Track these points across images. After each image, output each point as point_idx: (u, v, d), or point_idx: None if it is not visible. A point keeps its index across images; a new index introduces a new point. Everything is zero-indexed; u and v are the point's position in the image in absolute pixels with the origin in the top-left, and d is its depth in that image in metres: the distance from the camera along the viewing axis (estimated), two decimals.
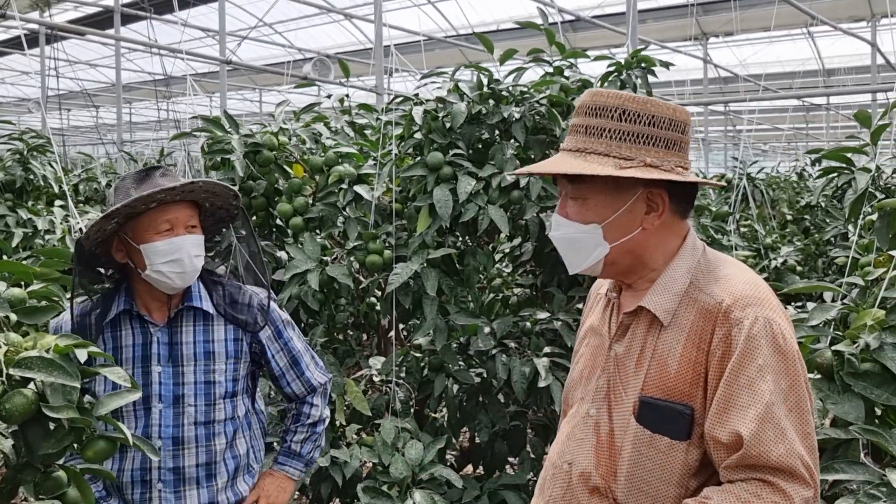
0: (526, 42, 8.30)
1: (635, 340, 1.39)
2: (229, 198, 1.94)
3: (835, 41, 13.62)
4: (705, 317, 1.31)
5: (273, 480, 2.07)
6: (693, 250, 1.42)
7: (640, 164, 1.33)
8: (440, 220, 2.86)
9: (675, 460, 1.31)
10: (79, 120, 21.77)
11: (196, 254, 1.84)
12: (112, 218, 1.79)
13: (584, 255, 1.40)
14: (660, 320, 1.35)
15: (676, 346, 1.33)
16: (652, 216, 1.38)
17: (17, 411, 1.18)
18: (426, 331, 2.90)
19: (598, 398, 1.42)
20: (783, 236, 5.65)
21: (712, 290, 1.34)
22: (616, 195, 1.37)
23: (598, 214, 1.37)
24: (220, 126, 3.24)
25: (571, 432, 1.46)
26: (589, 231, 1.38)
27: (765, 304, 1.30)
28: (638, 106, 1.36)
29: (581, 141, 1.38)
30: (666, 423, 1.31)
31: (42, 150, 4.87)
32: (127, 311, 1.90)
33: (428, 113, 3.07)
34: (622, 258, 1.40)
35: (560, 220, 1.42)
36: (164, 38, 10.99)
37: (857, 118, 2.48)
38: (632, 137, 1.35)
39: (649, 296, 1.38)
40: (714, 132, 19.10)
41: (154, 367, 1.88)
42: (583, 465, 1.40)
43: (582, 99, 1.41)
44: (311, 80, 7.09)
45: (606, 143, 1.35)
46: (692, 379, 1.31)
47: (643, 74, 3.23)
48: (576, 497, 1.40)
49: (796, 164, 8.84)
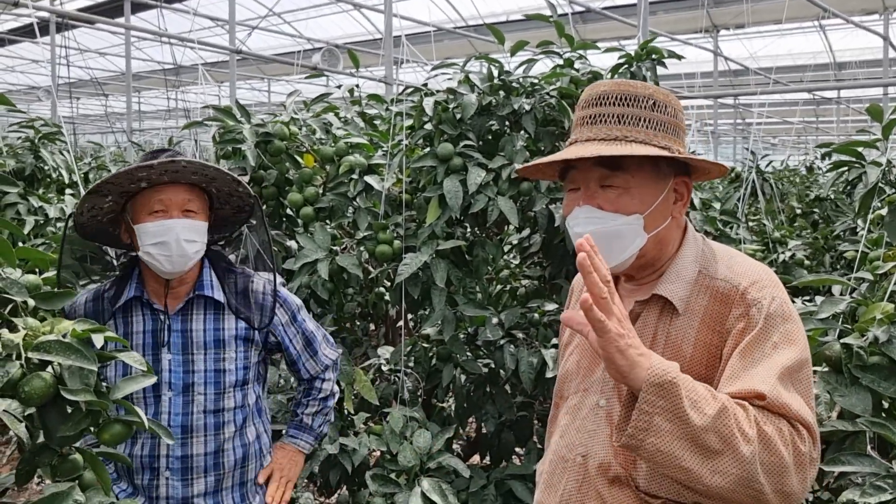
0: (536, 33, 8.28)
1: (646, 329, 1.40)
2: (230, 183, 1.89)
3: (846, 34, 13.53)
4: (721, 301, 1.33)
5: (285, 454, 2.10)
6: (695, 239, 1.44)
7: (675, 154, 1.35)
8: (450, 210, 2.87)
9: None
10: (88, 108, 21.84)
11: (187, 238, 1.79)
12: (104, 196, 1.78)
13: (620, 250, 1.36)
14: (672, 307, 1.36)
15: (690, 331, 1.34)
16: (679, 205, 1.40)
17: (36, 394, 1.20)
18: (435, 321, 2.92)
19: (606, 389, 1.43)
20: (792, 230, 5.64)
21: (726, 275, 1.35)
22: (656, 184, 1.36)
23: (642, 203, 1.35)
24: (231, 116, 3.26)
25: (581, 425, 1.45)
26: (632, 222, 1.34)
27: (777, 286, 1.33)
28: (663, 97, 1.38)
29: (614, 129, 1.35)
30: None
31: (53, 139, 4.89)
32: (137, 297, 1.90)
33: (438, 104, 3.08)
34: (651, 249, 1.38)
35: (593, 212, 1.35)
36: (174, 27, 11.00)
37: (869, 112, 2.48)
38: (663, 127, 1.36)
39: (663, 284, 1.38)
40: (724, 125, 19.02)
41: (164, 354, 1.88)
42: (600, 457, 1.39)
43: (600, 89, 1.39)
44: (321, 70, 7.10)
45: (645, 132, 1.35)
46: (707, 362, 1.32)
47: (653, 66, 3.23)
48: (594, 488, 1.39)
49: (806, 157, 8.81)
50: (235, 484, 1.95)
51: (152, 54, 14.85)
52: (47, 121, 5.11)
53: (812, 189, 6.80)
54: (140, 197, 1.81)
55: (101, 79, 14.73)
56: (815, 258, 5.22)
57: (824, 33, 13.94)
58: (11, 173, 4.63)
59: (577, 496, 1.42)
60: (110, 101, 18.83)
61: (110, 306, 1.89)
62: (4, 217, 3.95)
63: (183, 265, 1.82)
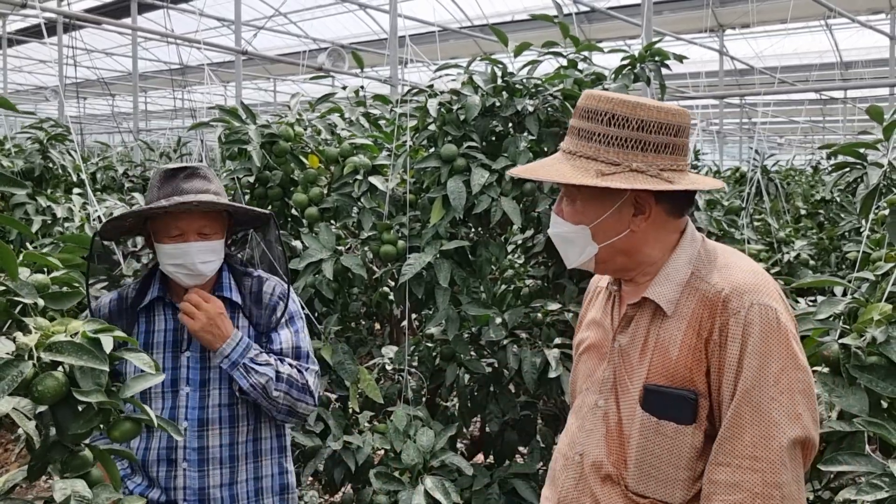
0: (541, 33, 8.29)
1: (639, 331, 1.42)
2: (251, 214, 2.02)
3: (853, 33, 13.50)
4: (705, 305, 1.35)
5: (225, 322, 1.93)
6: (692, 241, 1.44)
7: (625, 170, 1.35)
8: (453, 211, 2.90)
9: (682, 444, 1.34)
10: (95, 108, 21.92)
11: (202, 260, 1.91)
12: (124, 219, 1.92)
13: (575, 253, 1.46)
14: (662, 310, 1.39)
15: (677, 333, 1.36)
16: (639, 219, 1.41)
17: (49, 393, 1.23)
18: (438, 321, 2.94)
19: (605, 389, 1.46)
20: (797, 230, 5.64)
21: (713, 278, 1.37)
22: (603, 199, 1.40)
23: (586, 216, 1.42)
24: (237, 116, 3.28)
25: (581, 423, 1.49)
26: (578, 231, 1.43)
27: (761, 290, 1.33)
28: (627, 110, 1.36)
29: (574, 143, 1.42)
30: (671, 408, 1.35)
31: (61, 139, 4.93)
32: (160, 297, 2.00)
33: (442, 105, 3.10)
34: (614, 257, 1.44)
35: (555, 218, 1.48)
36: (180, 27, 11.05)
37: (870, 113, 2.49)
38: (619, 142, 1.36)
39: (652, 287, 1.41)
40: (729, 125, 18.98)
41: (183, 352, 1.97)
42: (594, 455, 1.43)
43: (579, 100, 1.44)
44: (326, 70, 7.12)
45: (595, 148, 1.38)
46: (692, 364, 1.34)
47: (657, 67, 3.24)
48: (588, 486, 1.44)
49: (812, 157, 8.79)
50: (250, 478, 2.01)
51: (159, 55, 14.91)
52: (56, 121, 5.14)
53: (817, 189, 6.80)
54: (159, 220, 1.92)
55: (108, 79, 14.78)
56: (820, 258, 5.22)
57: (830, 32, 13.91)
58: (21, 173, 4.67)
59: (574, 493, 1.46)
60: (117, 101, 18.91)
61: (134, 306, 2.00)
62: (13, 217, 3.99)
63: (201, 280, 1.95)
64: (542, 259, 3.43)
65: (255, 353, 1.94)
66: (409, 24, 9.39)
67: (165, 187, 1.92)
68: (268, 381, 1.92)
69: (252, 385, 1.91)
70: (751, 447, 1.26)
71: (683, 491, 1.35)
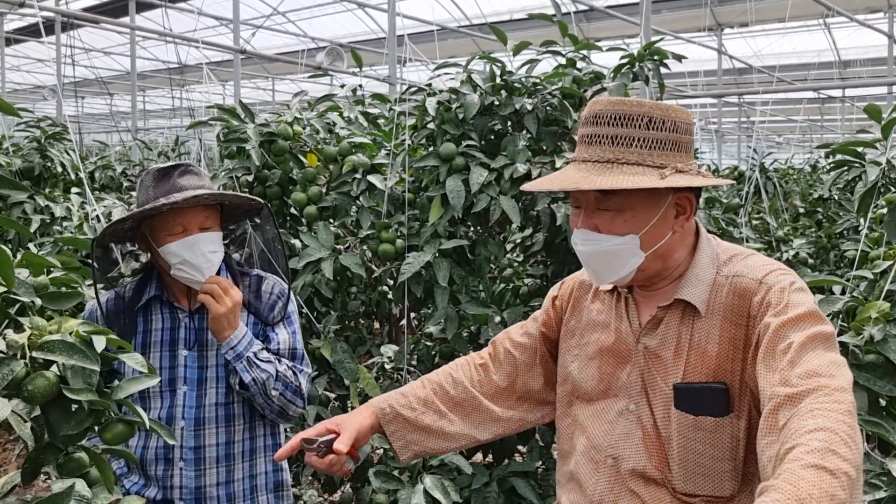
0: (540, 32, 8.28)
1: (670, 332, 1.41)
2: (241, 198, 2.00)
3: (851, 32, 13.50)
4: (742, 295, 1.35)
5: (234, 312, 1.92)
6: (708, 241, 1.46)
7: (672, 172, 1.35)
8: (452, 210, 2.89)
9: (723, 436, 1.33)
10: (93, 108, 21.90)
11: (211, 250, 1.90)
12: (125, 221, 1.89)
13: (619, 267, 1.40)
14: (694, 309, 1.39)
15: (714, 330, 1.36)
16: (681, 219, 1.41)
17: (39, 392, 1.22)
18: (437, 320, 2.94)
19: (633, 393, 1.44)
20: (795, 229, 5.64)
21: (745, 272, 1.37)
22: (652, 204, 1.38)
23: (635, 225, 1.38)
24: (235, 115, 3.28)
25: (609, 428, 1.47)
26: (627, 242, 1.38)
27: (792, 275, 1.35)
28: (661, 113, 1.36)
29: (607, 151, 1.37)
30: (705, 403, 1.34)
31: (59, 138, 4.92)
32: (157, 297, 2.00)
33: (441, 104, 3.09)
34: (652, 264, 1.41)
35: (589, 235, 1.39)
36: (178, 26, 11.04)
37: (868, 112, 2.49)
38: (660, 145, 1.36)
39: (685, 288, 1.40)
40: (728, 124, 18.99)
41: (181, 351, 1.97)
42: (634, 461, 1.41)
43: (596, 108, 1.40)
44: (325, 69, 7.12)
45: (638, 153, 1.35)
46: (733, 355, 1.34)
47: (655, 66, 3.24)
48: (628, 488, 1.42)
49: (810, 156, 8.80)
50: (245, 476, 2.01)
51: (157, 54, 14.89)
52: (54, 120, 5.14)
53: (816, 188, 6.80)
54: (158, 219, 1.90)
55: (106, 78, 14.77)
56: (818, 257, 5.22)
57: (829, 31, 13.92)
58: (19, 172, 4.66)
59: (611, 497, 1.44)
60: (115, 101, 18.90)
61: (130, 306, 1.98)
62: (11, 216, 3.98)
63: (212, 272, 1.93)
64: (541, 258, 3.43)
65: (258, 348, 1.95)
66: (407, 24, 9.39)
67: (161, 186, 1.91)
68: (268, 377, 1.92)
69: (254, 379, 1.91)
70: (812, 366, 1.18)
71: (732, 482, 1.34)
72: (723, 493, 1.34)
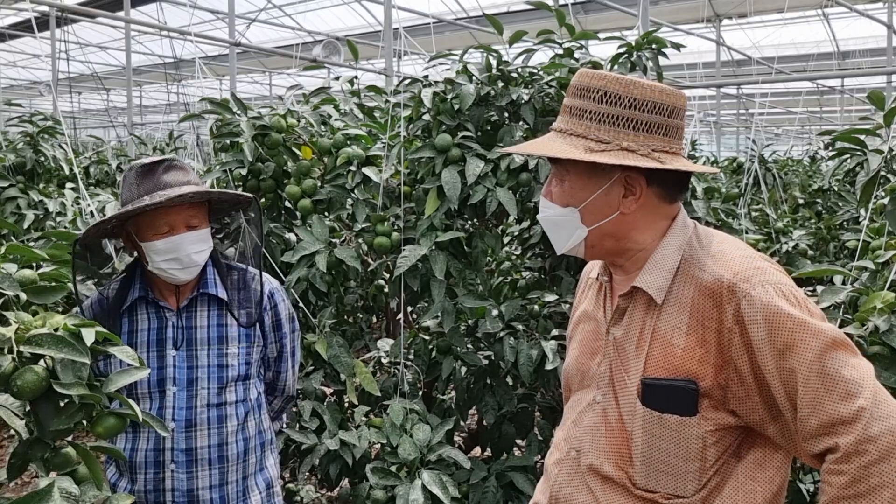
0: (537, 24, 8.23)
1: (633, 323, 1.38)
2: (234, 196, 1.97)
3: (850, 23, 13.46)
4: (706, 294, 1.29)
5: None
6: (684, 228, 1.40)
7: (615, 148, 1.31)
8: (448, 202, 2.86)
9: (688, 436, 1.29)
10: (89, 103, 21.83)
11: (196, 250, 1.88)
12: (108, 221, 1.85)
13: (564, 238, 1.41)
14: (656, 300, 1.34)
15: (681, 324, 1.31)
16: (629, 200, 1.36)
17: (28, 387, 1.20)
18: (434, 313, 2.91)
19: (602, 384, 1.42)
20: (795, 220, 5.60)
21: (709, 266, 1.31)
22: (592, 179, 1.36)
23: (574, 197, 1.38)
24: (228, 108, 3.24)
25: (577, 418, 1.45)
26: (567, 214, 1.38)
27: (765, 271, 1.27)
28: (620, 88, 1.33)
29: (565, 122, 1.38)
30: (672, 401, 1.30)
31: (52, 133, 4.89)
32: (143, 297, 1.95)
33: (436, 95, 3.05)
34: (603, 241, 1.40)
35: (544, 202, 1.43)
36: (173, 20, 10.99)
37: (871, 99, 2.46)
38: (610, 120, 1.33)
39: (641, 275, 1.36)
40: (726, 115, 18.95)
41: (169, 350, 1.92)
42: (593, 457, 1.39)
43: (573, 78, 1.41)
44: (321, 62, 7.08)
45: (585, 125, 1.34)
46: (701, 356, 1.28)
47: (654, 56, 3.20)
48: (585, 483, 1.40)
49: (809, 147, 8.77)
50: (238, 478, 1.97)
51: (152, 48, 14.84)
52: (47, 115, 5.10)
53: (815, 179, 6.77)
54: (144, 218, 1.86)
55: (102, 73, 14.71)
56: (818, 248, 5.19)
57: (827, 22, 13.86)
58: (11, 167, 4.63)
59: (568, 489, 1.42)
60: (111, 96, 18.83)
61: (115, 307, 1.94)
62: (4, 212, 3.95)
63: (195, 273, 1.91)
64: (539, 250, 3.40)
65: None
66: (403, 16, 9.34)
67: (146, 183, 1.86)
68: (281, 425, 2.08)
69: None
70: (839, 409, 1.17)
71: (695, 482, 1.30)
72: (684, 493, 1.30)
